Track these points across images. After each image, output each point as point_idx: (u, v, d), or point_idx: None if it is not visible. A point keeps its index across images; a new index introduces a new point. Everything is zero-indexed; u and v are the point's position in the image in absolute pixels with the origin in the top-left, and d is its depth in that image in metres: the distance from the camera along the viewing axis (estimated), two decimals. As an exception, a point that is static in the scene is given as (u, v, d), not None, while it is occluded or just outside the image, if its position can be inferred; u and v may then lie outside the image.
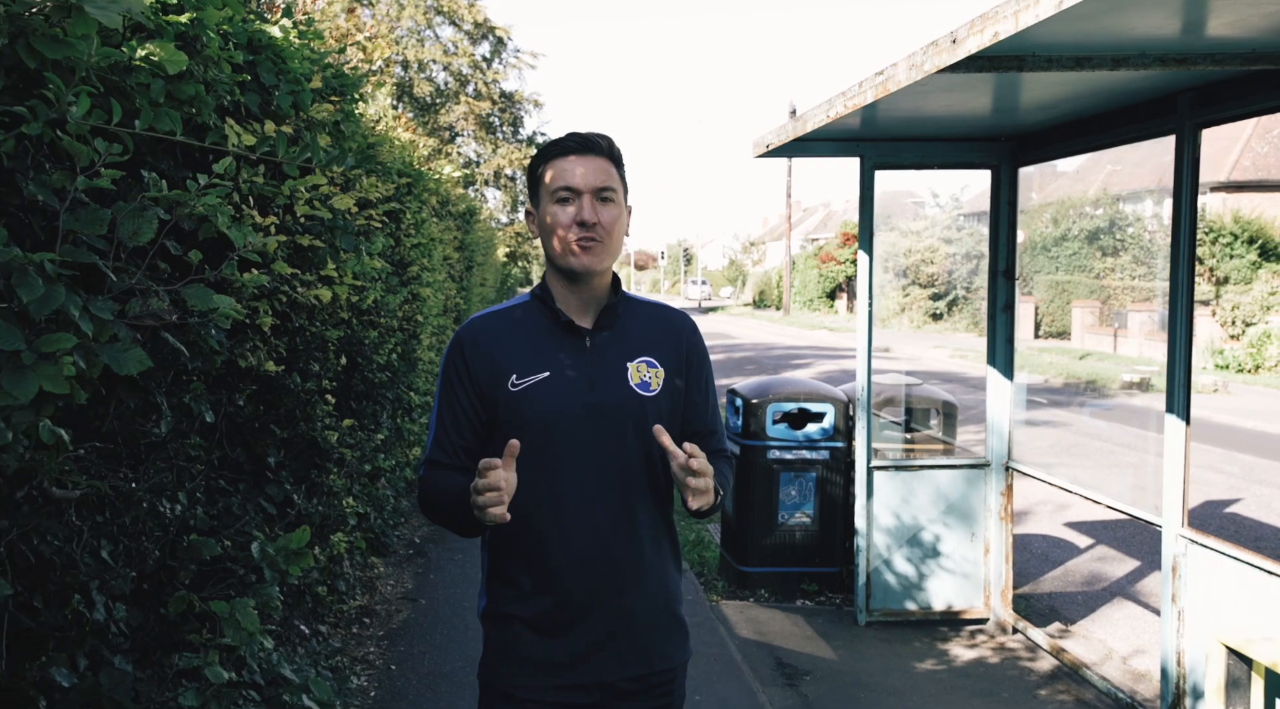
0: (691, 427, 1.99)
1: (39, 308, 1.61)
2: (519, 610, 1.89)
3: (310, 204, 3.37)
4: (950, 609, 5.18)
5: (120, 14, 1.72)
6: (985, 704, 4.23)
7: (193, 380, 2.80)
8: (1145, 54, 2.94)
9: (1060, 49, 2.87)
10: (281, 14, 3.13)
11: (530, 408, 1.86)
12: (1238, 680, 3.21)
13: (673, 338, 1.98)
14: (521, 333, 1.92)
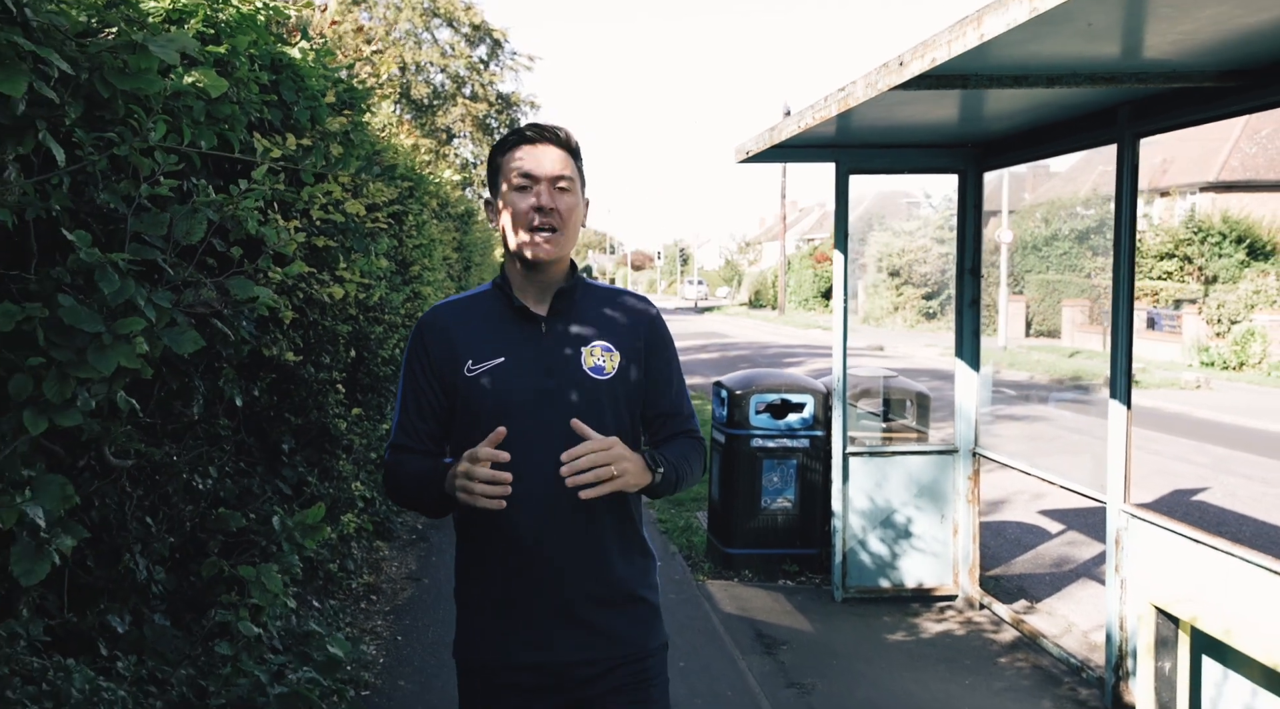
0: (653, 409, 2.00)
1: (115, 298, 1.94)
2: (480, 591, 1.93)
3: (325, 209, 3.71)
4: (921, 586, 5.51)
5: (176, 51, 2.05)
6: (948, 670, 4.56)
7: (224, 367, 3.13)
8: (1076, 74, 3.28)
9: (999, 69, 3.21)
10: (300, 37, 3.46)
11: (485, 393, 1.89)
12: (1166, 639, 3.55)
13: (631, 322, 1.99)
14: (479, 320, 1.95)
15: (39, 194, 1.82)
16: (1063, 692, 4.34)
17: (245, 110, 2.91)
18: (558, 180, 1.91)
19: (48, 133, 1.91)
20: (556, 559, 1.88)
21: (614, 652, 1.92)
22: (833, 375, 5.59)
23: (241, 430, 3.83)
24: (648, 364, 1.99)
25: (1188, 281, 29.67)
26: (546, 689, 1.90)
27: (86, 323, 1.90)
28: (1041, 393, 16.25)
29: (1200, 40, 2.90)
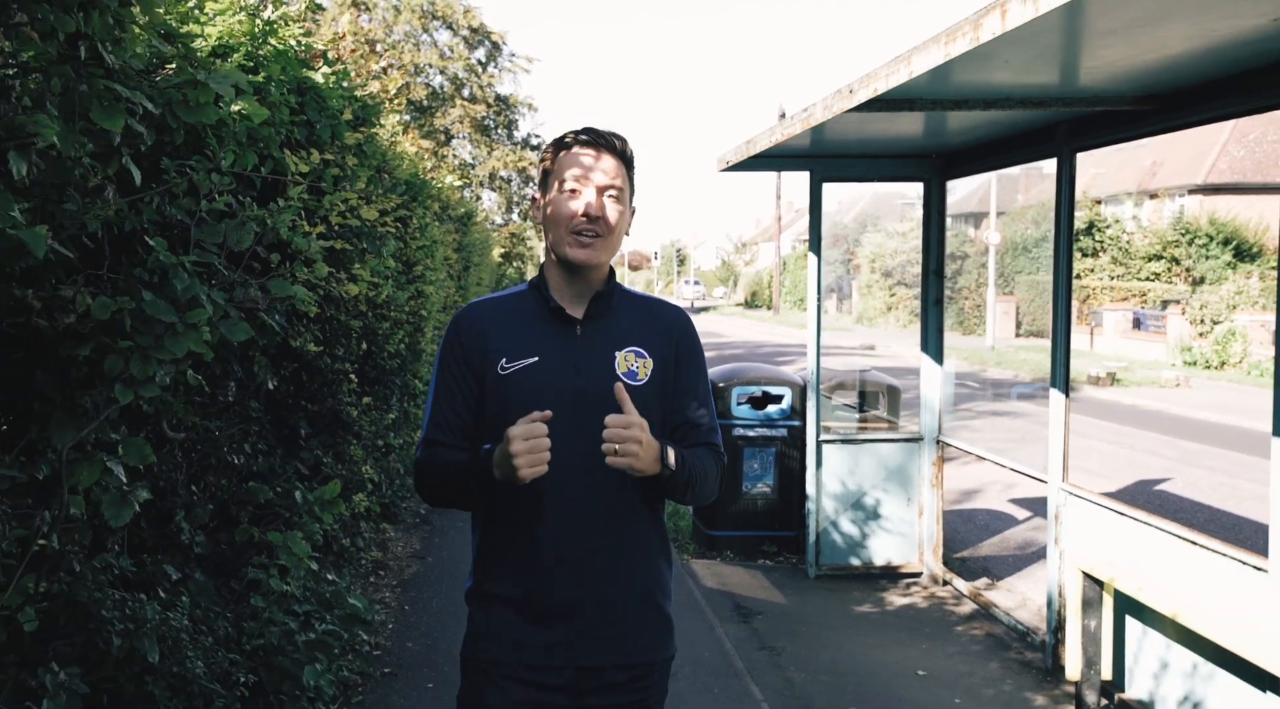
0: (679, 417, 1.98)
1: (185, 294, 2.37)
2: (500, 591, 1.91)
3: (343, 215, 4.15)
4: (889, 564, 5.95)
5: (231, 86, 2.49)
6: (909, 637, 5.00)
7: (257, 356, 3.56)
8: (1010, 98, 3.72)
9: (940, 94, 3.64)
10: (323, 63, 3.89)
11: (517, 392, 1.88)
12: (1091, 600, 3.99)
13: (664, 330, 1.99)
14: (515, 319, 1.95)
15: (133, 209, 2.24)
16: (1011, 655, 4.78)
17: (278, 131, 3.35)
18: (608, 189, 1.90)
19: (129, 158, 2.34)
20: (582, 559, 1.87)
21: (626, 660, 1.91)
22: (805, 370, 6.03)
23: (266, 414, 4.26)
24: (678, 372, 1.98)
25: (1175, 283, 30.16)
26: (553, 688, 1.89)
27: (164, 314, 2.32)
28: (1024, 390, 16.71)
29: (1113, 72, 3.33)
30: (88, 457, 2.26)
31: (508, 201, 34.27)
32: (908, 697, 4.25)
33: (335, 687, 3.69)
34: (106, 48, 2.11)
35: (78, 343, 2.21)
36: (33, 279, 2.05)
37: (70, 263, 2.23)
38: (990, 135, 5.02)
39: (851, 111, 3.70)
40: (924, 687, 4.37)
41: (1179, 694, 3.71)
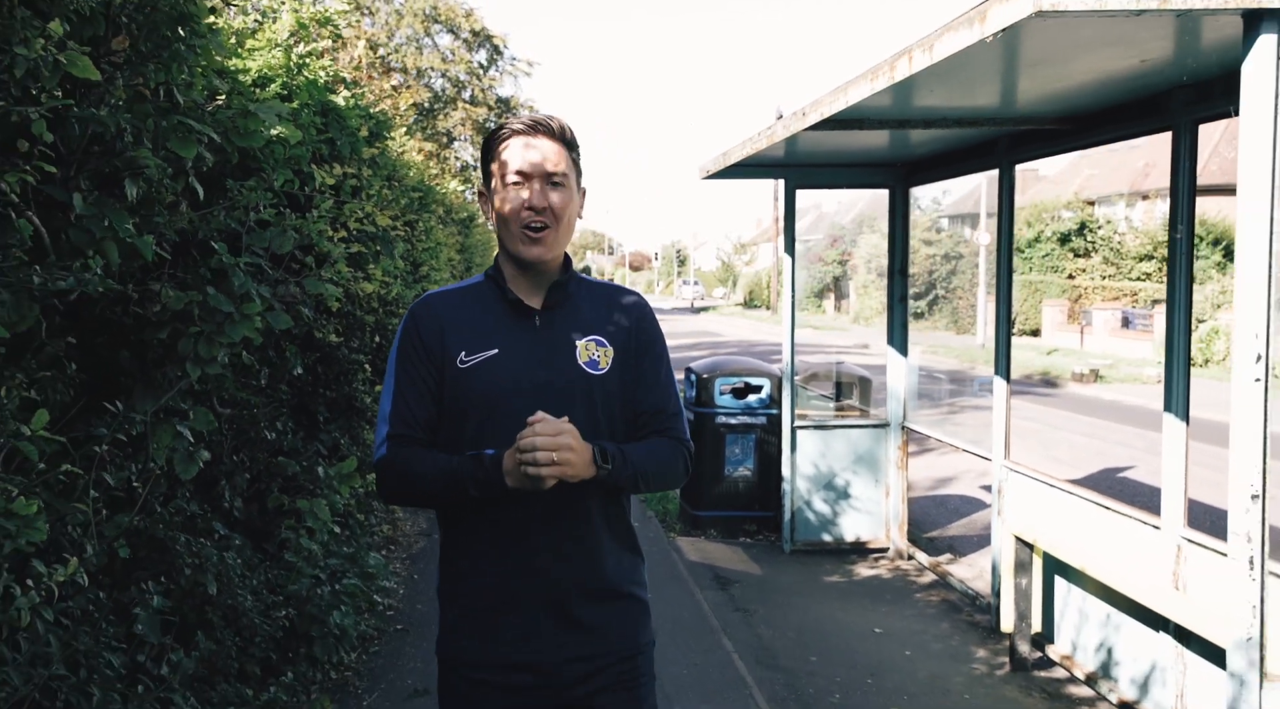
0: (639, 405, 1.96)
1: (240, 289, 2.89)
2: (466, 587, 1.89)
3: (360, 221, 4.67)
4: (858, 540, 6.47)
5: (275, 115, 3.01)
6: (871, 602, 5.52)
7: (288, 345, 4.08)
8: (946, 118, 4.23)
9: (884, 115, 4.16)
10: (343, 87, 4.41)
11: (477, 385, 1.86)
12: (1023, 561, 4.51)
13: (624, 318, 1.97)
14: (472, 311, 1.92)
15: (202, 220, 2.76)
16: (961, 617, 5.29)
17: (307, 148, 3.88)
18: (551, 176, 1.86)
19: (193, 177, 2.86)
20: (547, 555, 1.85)
21: (604, 649, 1.89)
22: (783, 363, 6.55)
23: (292, 398, 4.78)
24: (638, 360, 1.96)
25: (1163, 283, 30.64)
26: (533, 689, 1.87)
27: (224, 305, 2.84)
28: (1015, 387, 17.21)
29: (1033, 97, 3.85)
30: (163, 422, 2.79)
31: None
32: (863, 649, 4.77)
33: (356, 634, 4.21)
34: (179, 90, 2.64)
35: (157, 328, 2.74)
36: (131, 277, 2.57)
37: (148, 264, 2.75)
38: (946, 147, 5.54)
39: (808, 130, 4.21)
40: (879, 642, 4.89)
41: (1096, 641, 4.22)
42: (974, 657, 4.72)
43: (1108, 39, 2.71)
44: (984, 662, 4.65)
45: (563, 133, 1.90)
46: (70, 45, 1.80)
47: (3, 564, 1.70)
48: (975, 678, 4.47)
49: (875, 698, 4.20)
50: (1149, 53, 2.93)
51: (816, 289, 43.52)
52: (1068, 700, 4.21)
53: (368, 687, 4.11)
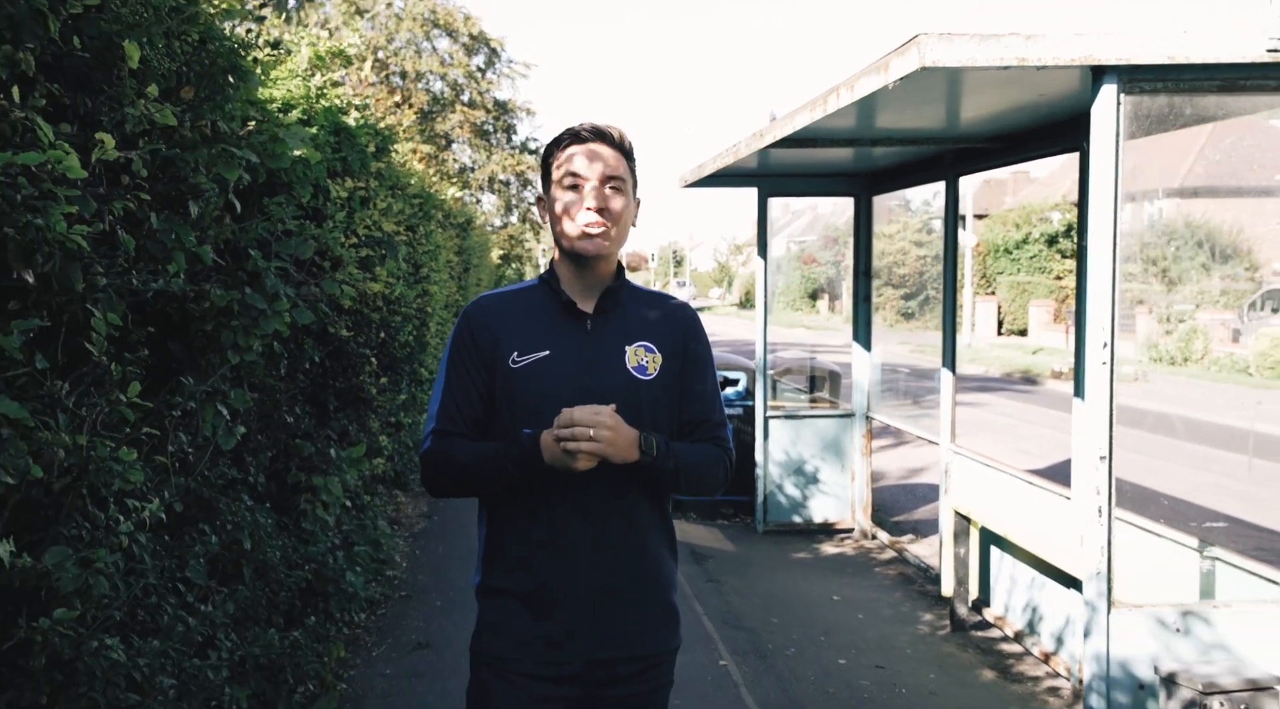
0: (687, 413, 2.00)
1: (271, 289, 3.41)
2: (509, 585, 1.92)
3: (368, 228, 5.20)
4: (826, 521, 7.00)
5: (300, 140, 3.53)
6: (833, 575, 6.05)
7: (305, 339, 4.60)
8: (890, 137, 4.77)
9: (833, 135, 4.69)
10: (354, 109, 4.93)
11: (528, 385, 1.90)
12: (960, 533, 5.04)
13: (673, 325, 2.00)
14: (525, 313, 1.96)
15: (242, 231, 3.29)
16: (914, 587, 5.83)
17: (324, 166, 4.40)
18: (609, 181, 1.91)
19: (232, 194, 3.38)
20: (590, 555, 1.88)
21: (636, 652, 1.93)
22: (769, 358, 7.08)
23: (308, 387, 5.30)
24: (685, 368, 1.99)
25: (1152, 283, 31.21)
26: (564, 686, 1.90)
27: (259, 303, 3.36)
28: (992, 384, 17.76)
29: (965, 121, 4.38)
30: (208, 400, 3.31)
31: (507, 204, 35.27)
32: (820, 613, 5.30)
33: (366, 597, 4.74)
34: (223, 122, 3.16)
35: (203, 321, 3.26)
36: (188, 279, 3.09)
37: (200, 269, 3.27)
38: (903, 160, 6.07)
39: (769, 147, 4.75)
40: (836, 607, 5.42)
41: (1023, 603, 4.76)
42: (920, 620, 5.25)
43: (997, 82, 3.24)
44: (928, 624, 5.18)
45: (621, 141, 1.96)
46: (153, 98, 2.33)
47: (110, 498, 2.22)
48: (919, 637, 5.00)
49: (827, 651, 4.73)
50: (1043, 90, 3.46)
51: (811, 290, 44.05)
52: (997, 655, 4.74)
53: (376, 641, 4.64)
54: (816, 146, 4.77)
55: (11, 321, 1.67)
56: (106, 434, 2.23)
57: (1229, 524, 7.79)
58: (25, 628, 1.92)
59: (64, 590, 1.98)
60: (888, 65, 2.90)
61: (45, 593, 1.98)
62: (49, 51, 1.83)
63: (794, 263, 47.01)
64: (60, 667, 2.08)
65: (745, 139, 4.80)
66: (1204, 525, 7.15)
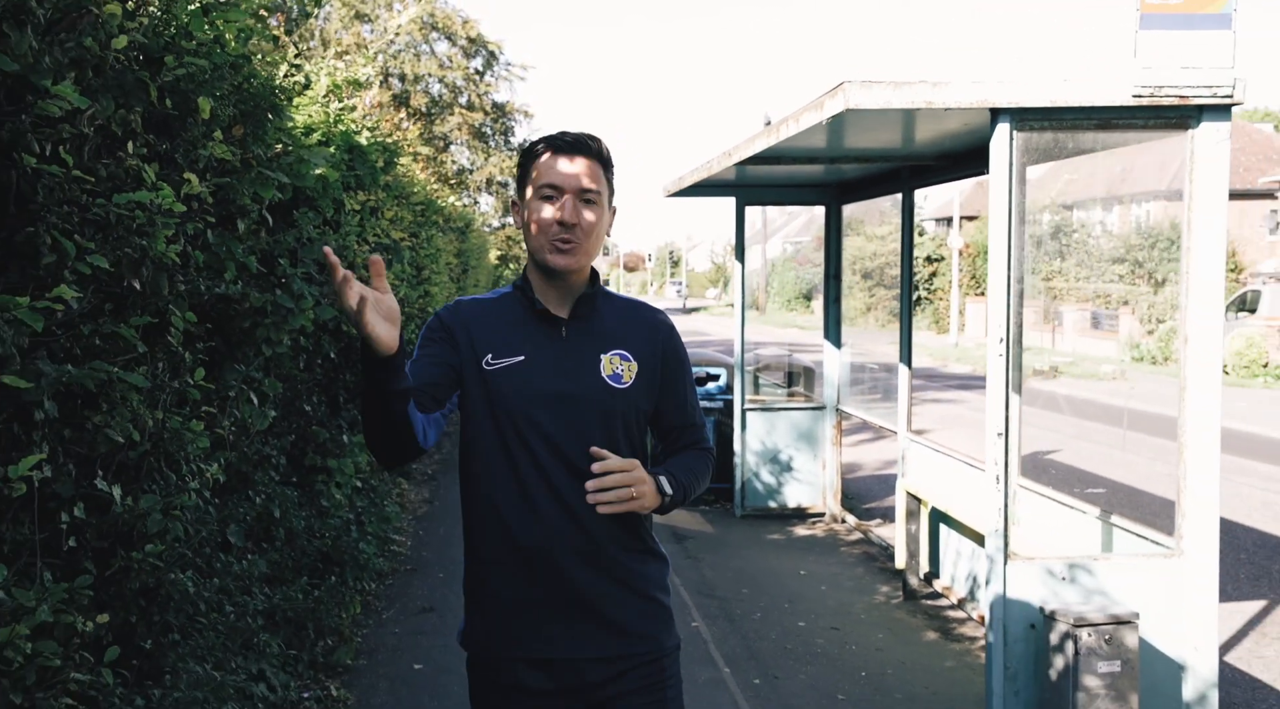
0: (667, 421, 2.03)
1: (298, 290, 3.96)
2: (492, 588, 1.95)
3: (378, 235, 5.74)
4: (799, 506, 7.55)
5: (322, 161, 4.08)
6: (802, 554, 6.60)
7: (323, 335, 5.14)
8: (846, 156, 5.32)
9: (795, 153, 5.23)
10: (366, 128, 5.48)
11: (502, 389, 1.90)
12: (913, 511, 5.59)
13: (648, 333, 2.02)
14: (500, 318, 1.97)
15: (276, 242, 3.83)
16: (875, 564, 6.38)
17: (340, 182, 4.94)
18: (583, 192, 1.91)
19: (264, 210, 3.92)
20: (569, 558, 1.89)
21: (630, 649, 1.94)
22: (750, 354, 7.63)
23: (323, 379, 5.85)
24: (663, 376, 2.01)
25: (1139, 284, 31.79)
26: (559, 692, 1.91)
27: (287, 302, 3.91)
28: (977, 382, 18.34)
29: (916, 142, 4.93)
30: (246, 386, 3.85)
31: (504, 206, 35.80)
32: (787, 585, 5.85)
33: (376, 568, 5.28)
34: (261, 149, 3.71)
35: (241, 319, 3.80)
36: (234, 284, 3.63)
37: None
38: (868, 173, 6.62)
39: (735, 165, 5.30)
40: (802, 580, 5.97)
41: (966, 573, 5.31)
42: (877, 591, 5.81)
43: (924, 116, 3.79)
44: (884, 595, 5.73)
45: (599, 151, 1.96)
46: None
47: (182, 460, 2.75)
48: (874, 605, 5.55)
49: (789, 616, 5.28)
50: (968, 122, 4.01)
51: (805, 290, 44.61)
52: (942, 619, 5.29)
53: (386, 606, 5.19)
54: (781, 163, 5.32)
55: (131, 317, 2.21)
56: (176, 410, 2.77)
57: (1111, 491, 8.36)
58: (123, 557, 2.46)
59: (150, 531, 2.52)
60: (822, 104, 3.45)
61: (136, 533, 2.52)
62: (146, 109, 2.37)
63: (788, 264, 47.56)
64: (145, 593, 2.63)
65: (717, 157, 5.35)
66: (1085, 491, 7.74)
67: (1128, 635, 3.15)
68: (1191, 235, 3.36)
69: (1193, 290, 3.37)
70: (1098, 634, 3.13)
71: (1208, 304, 3.35)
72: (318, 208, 4.03)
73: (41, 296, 1.76)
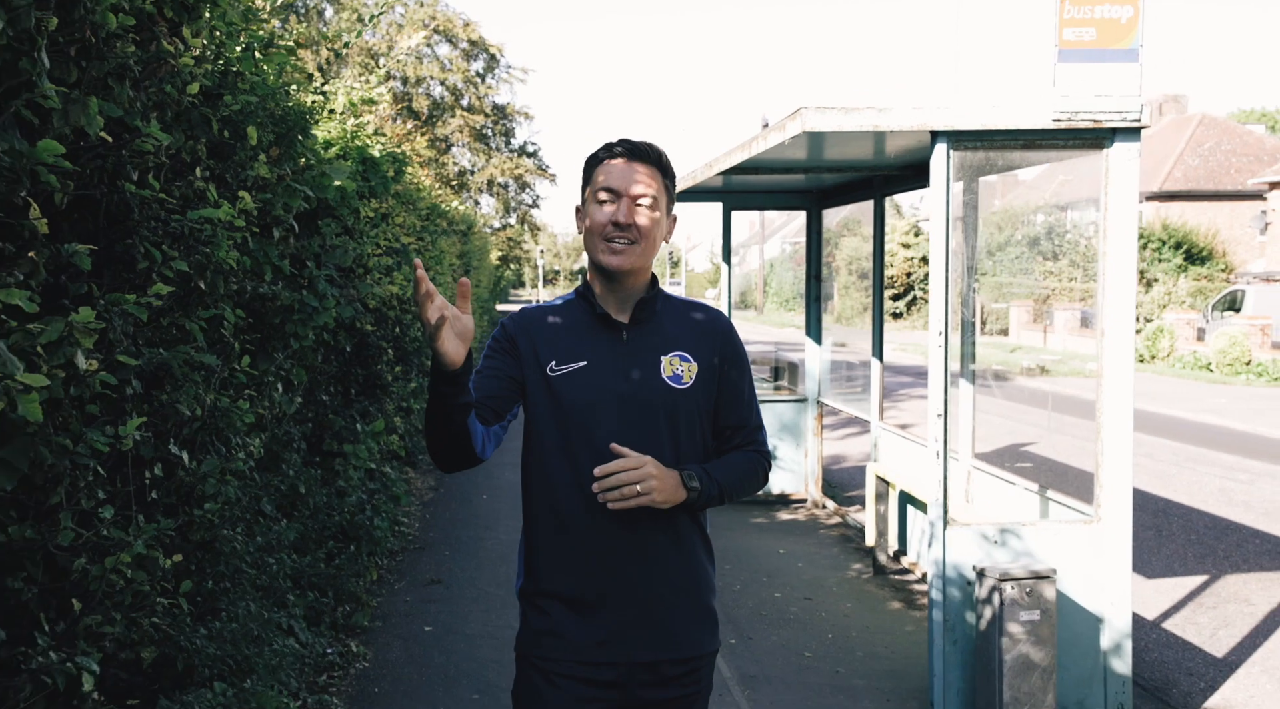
0: (724, 421, 2.06)
1: (323, 290, 4.44)
2: (550, 588, 1.99)
3: (389, 240, 6.23)
4: (783, 493, 8.03)
5: (343, 175, 4.56)
6: (783, 535, 7.08)
7: (340, 331, 5.62)
8: (823, 166, 5.79)
9: (775, 164, 5.71)
10: (378, 139, 5.96)
11: (566, 394, 1.95)
12: (881, 493, 6.07)
13: (708, 334, 2.06)
14: (563, 325, 2.02)
15: (304, 248, 4.31)
16: (851, 545, 6.85)
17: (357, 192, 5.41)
18: (641, 196, 1.96)
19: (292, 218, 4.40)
20: (631, 560, 1.94)
21: (678, 654, 1.99)
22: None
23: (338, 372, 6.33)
24: (722, 376, 2.05)
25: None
26: (608, 684, 1.97)
27: (313, 301, 4.39)
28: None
29: (884, 155, 5.41)
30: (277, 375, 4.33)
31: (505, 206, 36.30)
32: (767, 562, 6.33)
33: (387, 546, 5.76)
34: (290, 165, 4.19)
35: (273, 315, 4.29)
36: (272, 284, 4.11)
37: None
38: (845, 181, 7.10)
39: (718, 174, 5.78)
40: (780, 558, 6.46)
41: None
42: (850, 567, 6.29)
43: (874, 137, 4.26)
44: (856, 571, 6.21)
45: (659, 159, 2.01)
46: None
47: (232, 435, 3.23)
48: (846, 580, 6.03)
49: (766, 589, 5.76)
50: (916, 142, 4.48)
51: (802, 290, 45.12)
52: (907, 591, 5.77)
53: (397, 579, 5.68)
54: (760, 173, 5.80)
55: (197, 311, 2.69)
56: (226, 393, 3.26)
57: (1077, 477, 8.82)
58: (188, 513, 2.94)
59: (209, 492, 3.01)
60: (784, 126, 3.93)
61: (197, 493, 3.00)
62: (208, 139, 2.85)
63: (787, 264, 48.04)
64: (204, 545, 3.11)
65: (700, 167, 5.83)
66: (1015, 465, 8.23)
67: (1046, 588, 3.63)
68: (1107, 241, 3.85)
69: (1108, 289, 3.84)
70: (1019, 587, 3.61)
71: (1121, 302, 3.83)
72: (338, 216, 4.50)
73: (144, 292, 2.24)
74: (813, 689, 4.35)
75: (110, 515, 2.25)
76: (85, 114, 2.00)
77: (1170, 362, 22.08)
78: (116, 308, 2.16)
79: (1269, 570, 6.45)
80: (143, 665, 2.51)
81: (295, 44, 3.51)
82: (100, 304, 2.13)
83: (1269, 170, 32.80)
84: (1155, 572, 6.42)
